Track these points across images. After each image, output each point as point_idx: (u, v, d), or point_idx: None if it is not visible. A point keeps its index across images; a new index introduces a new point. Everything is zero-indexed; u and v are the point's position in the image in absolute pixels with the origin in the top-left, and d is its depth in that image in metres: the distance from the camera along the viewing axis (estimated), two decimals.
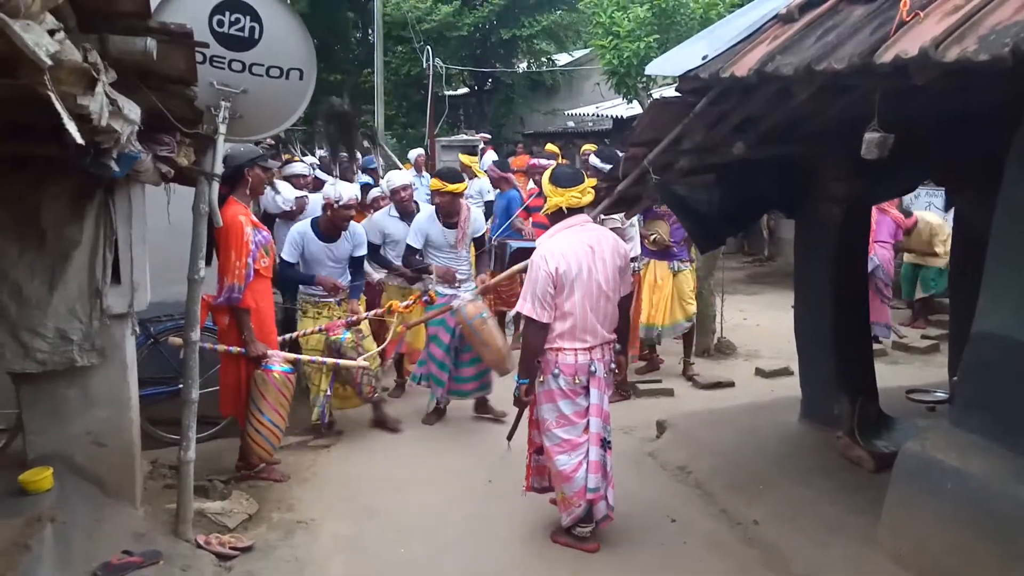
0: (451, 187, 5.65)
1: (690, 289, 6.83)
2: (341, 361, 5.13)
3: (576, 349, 3.82)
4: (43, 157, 3.33)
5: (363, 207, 7.14)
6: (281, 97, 3.97)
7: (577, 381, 3.85)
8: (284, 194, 6.43)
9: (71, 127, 1.91)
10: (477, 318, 5.15)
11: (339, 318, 5.37)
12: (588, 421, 3.88)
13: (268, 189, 5.95)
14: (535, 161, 7.15)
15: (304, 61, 3.93)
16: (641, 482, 4.78)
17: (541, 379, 3.88)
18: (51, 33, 1.78)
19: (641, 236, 6.76)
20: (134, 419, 3.98)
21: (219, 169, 3.78)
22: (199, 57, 3.29)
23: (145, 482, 4.22)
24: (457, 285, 5.71)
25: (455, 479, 4.85)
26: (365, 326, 5.52)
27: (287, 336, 5.22)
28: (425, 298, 5.60)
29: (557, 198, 3.90)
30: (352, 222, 5.64)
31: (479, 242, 6.13)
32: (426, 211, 6.01)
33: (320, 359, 5.14)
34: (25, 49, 1.64)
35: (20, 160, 3.43)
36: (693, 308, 6.85)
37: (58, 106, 1.85)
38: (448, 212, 5.75)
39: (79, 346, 3.65)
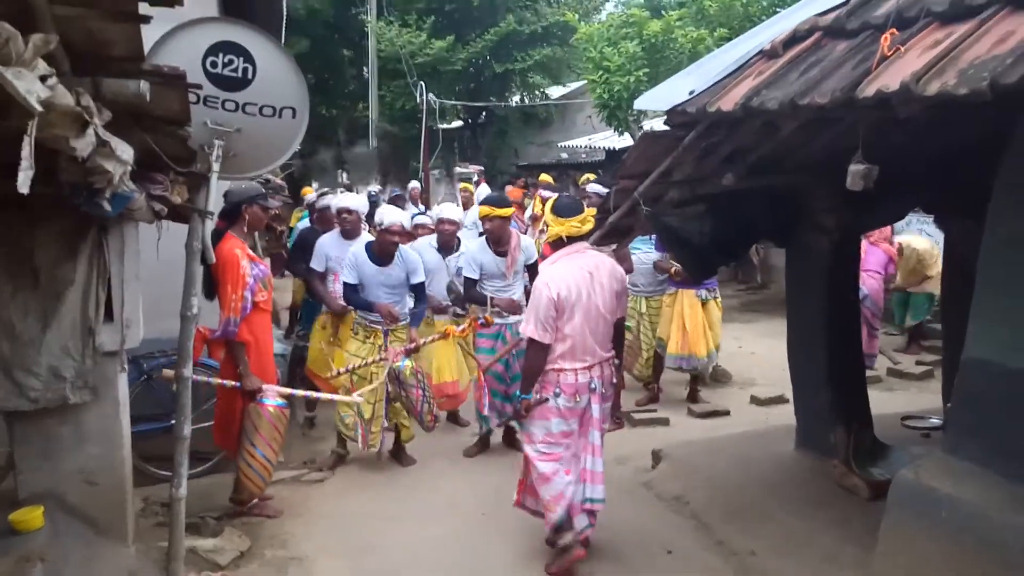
0: (500, 211, 5.63)
1: (717, 318, 6.92)
2: (337, 397, 5.12)
3: (576, 369, 4.02)
4: (37, 197, 3.35)
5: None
6: (274, 135, 4.00)
7: (578, 400, 4.03)
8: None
9: (23, 176, 1.86)
10: None
11: (399, 345, 5.36)
12: (590, 433, 4.12)
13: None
14: (541, 191, 7.25)
15: (297, 100, 3.97)
16: (637, 512, 4.76)
17: (539, 397, 4.04)
18: (43, 79, 1.81)
19: (662, 268, 6.85)
20: (126, 457, 3.96)
21: (212, 207, 3.80)
22: (193, 97, 3.33)
23: (137, 520, 4.19)
24: (507, 315, 5.68)
25: (450, 513, 4.83)
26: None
27: (348, 367, 5.26)
28: (481, 321, 5.59)
29: (558, 227, 4.12)
30: (407, 248, 5.70)
31: (532, 269, 5.87)
32: (477, 242, 6.02)
33: (314, 394, 5.13)
34: (17, 96, 1.67)
35: (14, 201, 3.44)
36: (720, 337, 6.96)
37: (25, 151, 1.83)
38: (498, 239, 5.73)
39: (72, 384, 3.65)
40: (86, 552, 3.63)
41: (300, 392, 5.05)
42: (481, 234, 6.20)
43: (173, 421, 4.03)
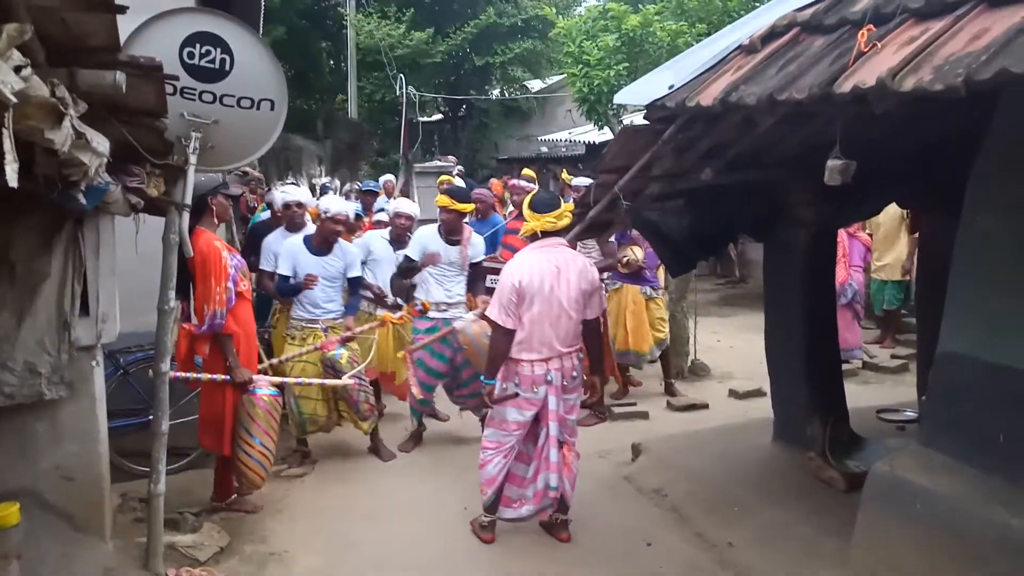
0: (458, 206, 5.70)
1: (659, 316, 6.93)
2: (328, 381, 5.09)
3: (533, 361, 4.13)
4: (13, 191, 3.30)
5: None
6: (252, 127, 3.97)
7: (535, 391, 4.15)
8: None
9: (9, 170, 1.85)
10: (485, 336, 5.06)
11: (333, 336, 5.34)
12: (549, 425, 4.18)
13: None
14: (515, 182, 7.23)
15: (275, 92, 3.94)
16: (617, 505, 4.79)
17: (505, 387, 4.20)
18: (17, 70, 1.78)
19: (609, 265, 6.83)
20: (103, 452, 3.92)
21: (189, 199, 3.77)
22: (169, 89, 3.29)
23: (115, 516, 4.16)
24: (445, 308, 5.69)
25: (430, 508, 4.82)
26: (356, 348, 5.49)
27: (272, 361, 5.22)
28: (419, 308, 5.63)
29: (534, 223, 4.23)
30: (346, 242, 5.65)
31: (476, 267, 5.93)
32: (429, 227, 6.02)
33: (307, 380, 5.07)
34: None
35: None
36: (663, 334, 6.95)
37: (6, 144, 1.81)
38: (452, 230, 5.76)
39: (47, 379, 3.60)
40: (63, 549, 3.60)
41: (291, 380, 4.99)
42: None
43: (151, 417, 4.01)
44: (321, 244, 5.46)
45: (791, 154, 4.47)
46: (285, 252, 5.46)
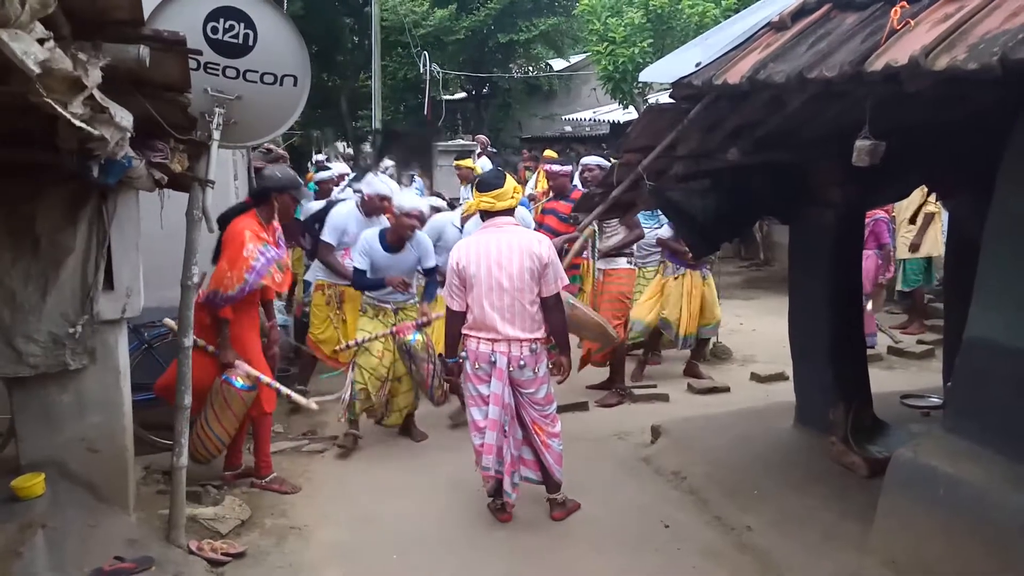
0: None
1: (715, 295, 7.13)
2: (294, 394, 4.87)
3: (479, 338, 4.18)
4: (38, 165, 3.33)
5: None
6: (275, 103, 3.97)
7: (478, 367, 4.18)
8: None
9: (70, 114, 1.88)
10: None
11: (409, 320, 5.38)
12: (488, 408, 4.17)
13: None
14: (548, 167, 7.20)
15: (298, 68, 3.94)
16: (635, 487, 4.78)
17: (461, 356, 4.32)
18: (41, 42, 1.78)
19: (675, 249, 6.82)
20: (127, 425, 3.97)
21: (213, 175, 3.78)
22: (193, 64, 3.29)
23: (138, 487, 4.22)
24: None
25: (448, 486, 4.84)
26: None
27: (349, 343, 5.34)
28: None
29: (474, 202, 4.38)
30: (421, 234, 5.63)
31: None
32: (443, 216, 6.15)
33: (283, 388, 4.81)
34: (13, 58, 1.64)
35: (15, 168, 3.43)
36: (719, 313, 7.18)
37: (59, 109, 1.83)
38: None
39: (71, 349, 3.66)
40: (87, 519, 3.66)
41: (267, 379, 4.68)
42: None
43: None
44: (395, 240, 5.41)
45: (819, 134, 4.39)
46: (361, 247, 5.41)
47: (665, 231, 6.88)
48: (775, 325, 7.14)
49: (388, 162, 10.78)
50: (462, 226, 6.24)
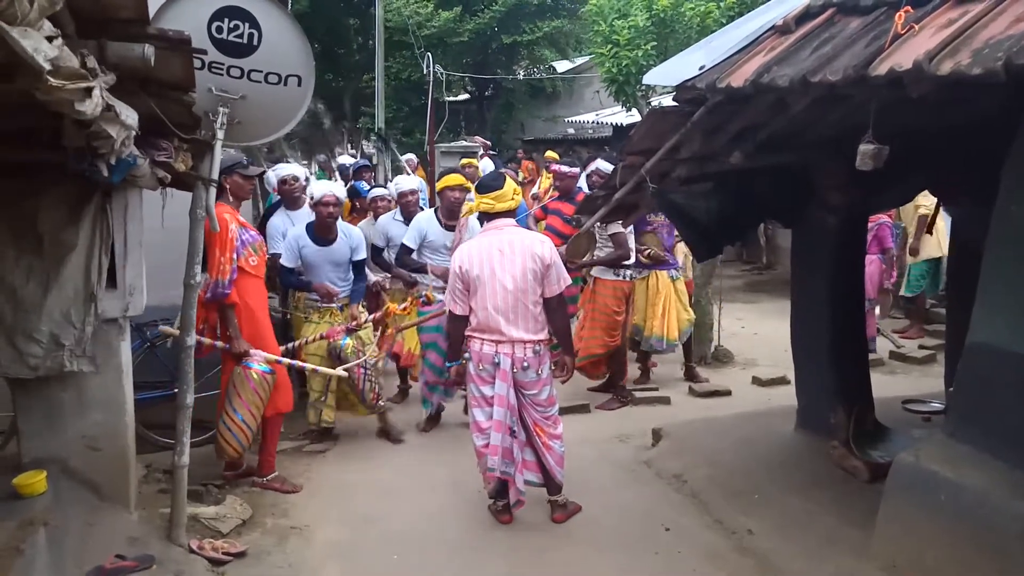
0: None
1: (685, 299, 6.89)
2: (321, 369, 5.10)
3: (483, 340, 4.17)
4: (42, 163, 3.34)
5: (360, 210, 7.15)
6: (279, 103, 3.99)
7: (482, 368, 4.18)
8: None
9: (80, 109, 1.88)
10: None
11: (340, 323, 5.35)
12: (492, 409, 4.16)
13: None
14: (556, 167, 7.19)
15: (302, 68, 3.95)
16: (636, 490, 4.78)
17: (466, 358, 4.30)
18: (49, 40, 1.79)
19: (636, 250, 6.78)
20: (129, 423, 3.98)
21: (217, 174, 3.79)
22: (198, 63, 3.30)
23: (139, 486, 4.22)
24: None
25: (449, 487, 4.85)
26: (367, 333, 5.48)
27: (289, 345, 5.22)
28: (422, 299, 5.60)
29: (474, 204, 4.34)
30: (349, 225, 5.61)
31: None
32: (426, 212, 6.03)
33: (302, 364, 5.06)
34: (23, 55, 1.65)
35: (19, 166, 3.44)
36: (691, 316, 6.89)
37: (64, 109, 1.85)
38: (451, 214, 5.77)
39: (71, 351, 3.65)
40: (89, 517, 3.66)
41: (286, 360, 4.87)
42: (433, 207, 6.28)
43: (176, 389, 4.06)
44: (323, 231, 5.38)
45: (822, 138, 4.40)
46: (288, 244, 5.40)
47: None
48: (777, 329, 7.15)
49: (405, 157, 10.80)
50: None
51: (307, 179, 6.95)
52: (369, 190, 7.28)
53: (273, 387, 4.59)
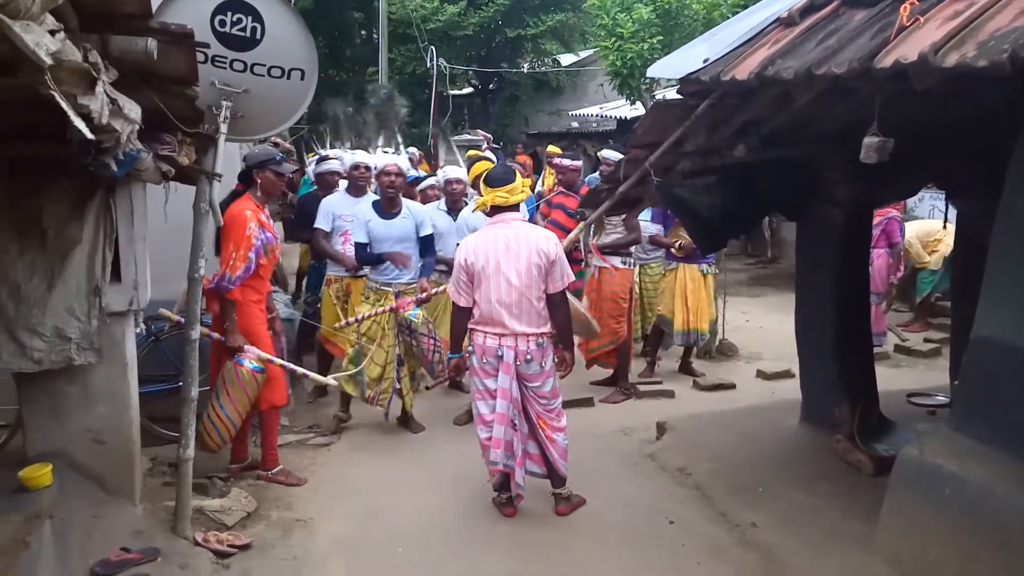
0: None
1: (712, 292, 7.03)
2: (311, 375, 5.12)
3: (486, 333, 4.18)
4: (46, 158, 3.34)
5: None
6: (283, 97, 3.98)
7: (485, 361, 4.19)
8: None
9: (79, 123, 1.91)
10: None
11: (410, 296, 5.42)
12: (495, 402, 4.18)
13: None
14: (558, 161, 7.18)
15: (306, 61, 3.94)
16: (640, 484, 4.78)
17: (468, 351, 4.31)
18: (52, 33, 1.78)
19: (659, 243, 6.89)
20: (134, 417, 3.99)
21: (220, 168, 3.79)
22: (200, 57, 3.30)
23: (144, 479, 4.23)
24: None
25: (454, 480, 4.85)
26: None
27: (348, 320, 5.40)
28: None
29: (486, 197, 4.25)
30: (413, 201, 5.79)
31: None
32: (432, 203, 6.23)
33: (297, 368, 5.03)
34: (25, 49, 1.64)
35: (23, 161, 3.44)
36: (713, 312, 7.09)
37: (64, 105, 1.85)
38: (457, 202, 6.06)
39: (77, 344, 3.66)
40: (94, 510, 3.68)
41: (279, 361, 4.77)
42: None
43: (181, 383, 4.07)
44: (388, 205, 5.49)
45: (827, 131, 4.38)
46: (357, 220, 5.54)
47: (651, 227, 6.86)
48: (782, 323, 7.14)
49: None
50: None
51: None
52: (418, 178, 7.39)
53: (265, 383, 4.58)
